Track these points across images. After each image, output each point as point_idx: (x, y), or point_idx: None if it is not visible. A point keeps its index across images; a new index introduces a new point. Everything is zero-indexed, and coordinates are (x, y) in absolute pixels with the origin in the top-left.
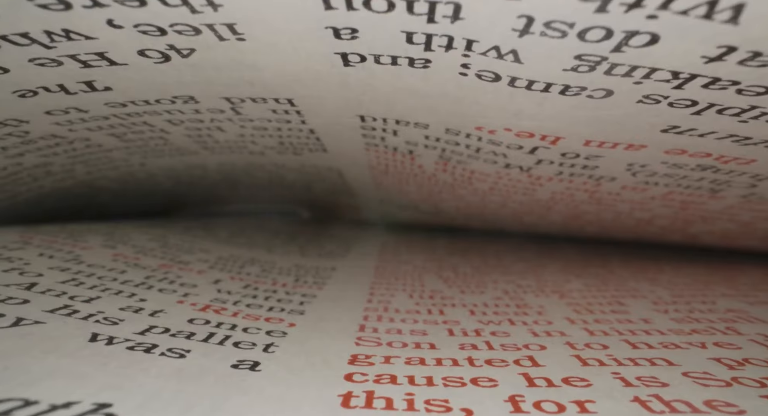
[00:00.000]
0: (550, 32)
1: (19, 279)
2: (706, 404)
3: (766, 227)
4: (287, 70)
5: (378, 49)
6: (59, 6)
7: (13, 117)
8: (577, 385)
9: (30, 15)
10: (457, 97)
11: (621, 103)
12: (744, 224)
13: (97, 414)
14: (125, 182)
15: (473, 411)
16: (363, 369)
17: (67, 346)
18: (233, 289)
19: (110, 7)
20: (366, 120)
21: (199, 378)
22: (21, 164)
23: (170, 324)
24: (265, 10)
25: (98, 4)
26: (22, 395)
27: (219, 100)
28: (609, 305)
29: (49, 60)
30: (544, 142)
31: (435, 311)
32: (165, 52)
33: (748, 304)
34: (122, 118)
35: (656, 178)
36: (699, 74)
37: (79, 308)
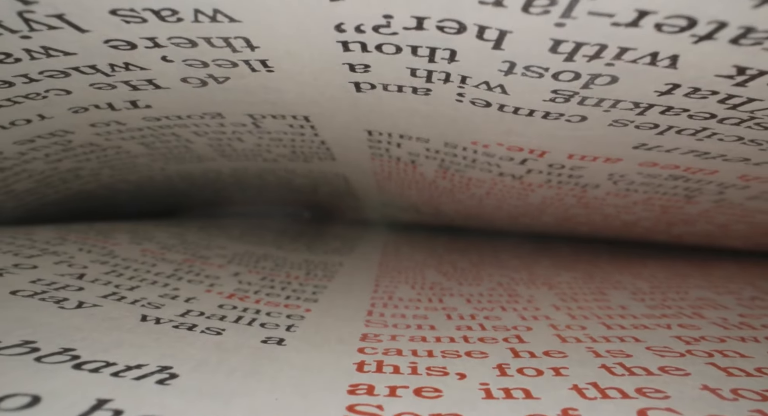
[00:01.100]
0: (529, 73)
1: (70, 270)
2: (660, 369)
3: (741, 228)
4: (306, 93)
5: (386, 80)
6: (126, 46)
7: (62, 129)
8: (555, 356)
9: (102, 53)
10: (454, 117)
11: (595, 126)
12: (721, 225)
13: (163, 373)
14: (143, 184)
15: (466, 374)
16: (373, 345)
17: (125, 325)
18: (252, 281)
19: (167, 48)
20: (373, 134)
21: (236, 351)
22: (56, 169)
23: (204, 309)
24: (295, 51)
25: (158, 45)
26: (104, 358)
27: (243, 116)
28: (592, 294)
29: (106, 85)
30: (532, 155)
31: (435, 299)
32: (204, 79)
33: (717, 294)
34: (154, 129)
35: (635, 186)
36: (655, 104)
37: (126, 294)
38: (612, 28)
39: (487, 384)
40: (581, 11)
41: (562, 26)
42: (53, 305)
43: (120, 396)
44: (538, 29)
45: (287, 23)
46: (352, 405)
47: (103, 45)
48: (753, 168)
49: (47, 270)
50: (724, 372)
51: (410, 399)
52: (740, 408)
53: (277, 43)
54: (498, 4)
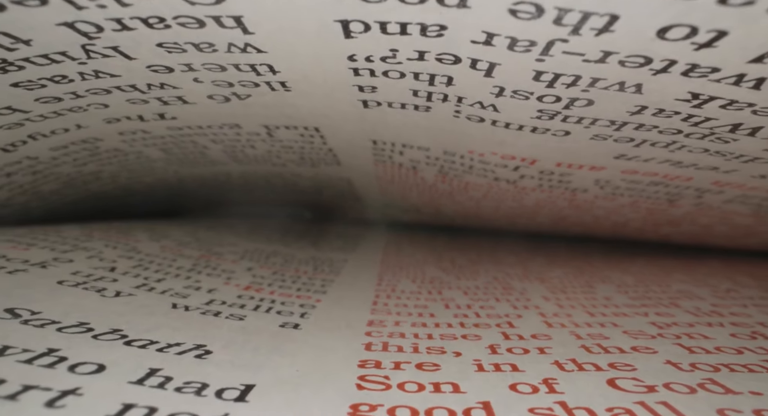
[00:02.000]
0: (517, 96)
1: (101, 264)
2: (632, 348)
3: (724, 229)
4: (318, 108)
5: (391, 99)
6: (165, 70)
7: (94, 136)
8: (541, 339)
9: (142, 75)
10: (451, 130)
11: (578, 139)
12: (704, 226)
13: (199, 350)
14: (156, 185)
15: (461, 353)
16: (378, 329)
17: (159, 311)
18: (264, 275)
19: (199, 71)
20: (377, 143)
21: (258, 333)
22: (80, 172)
23: (225, 298)
24: (311, 74)
25: (192, 69)
26: (147, 337)
27: (258, 126)
28: (581, 287)
29: (140, 100)
30: (523, 163)
31: (434, 292)
32: (228, 96)
33: (696, 287)
34: (175, 137)
35: (620, 190)
36: (628, 122)
37: (154, 286)
38: (584, 64)
39: (479, 360)
40: (557, 51)
41: (542, 61)
42: (95, 293)
43: (167, 366)
44: (522, 63)
45: (307, 53)
46: (363, 375)
47: (145, 69)
48: (723, 175)
49: (83, 264)
50: (688, 350)
51: (413, 372)
52: (695, 377)
53: (297, 69)
54: (488, 43)
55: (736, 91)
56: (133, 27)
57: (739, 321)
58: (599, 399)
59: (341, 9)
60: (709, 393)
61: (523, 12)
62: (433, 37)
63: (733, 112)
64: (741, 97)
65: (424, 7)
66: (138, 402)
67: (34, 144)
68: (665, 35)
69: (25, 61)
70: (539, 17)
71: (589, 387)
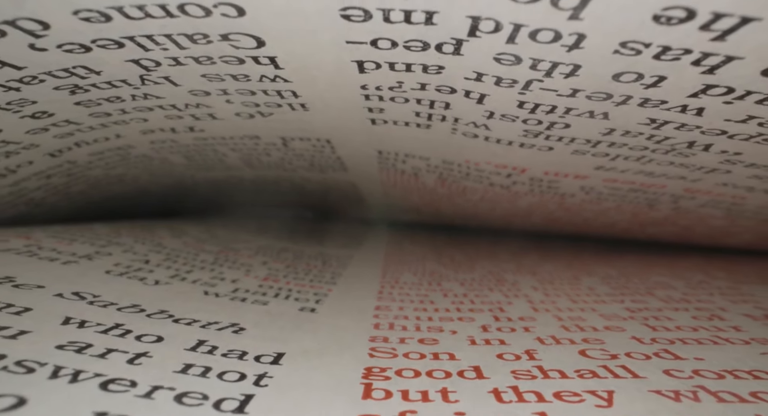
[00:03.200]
0: (505, 119)
1: (136, 257)
2: (605, 328)
3: (702, 230)
4: (331, 124)
5: (396, 118)
6: (203, 94)
7: (128, 144)
8: (527, 320)
9: (184, 97)
10: (449, 143)
11: (560, 154)
12: (684, 227)
13: (234, 328)
14: (172, 187)
15: (457, 331)
16: (385, 313)
17: (194, 297)
18: (279, 268)
19: (232, 95)
20: (382, 153)
21: (281, 315)
22: (108, 175)
23: (248, 287)
24: (327, 98)
25: (226, 93)
26: (190, 317)
27: (276, 138)
28: (567, 279)
29: (176, 116)
30: (515, 171)
31: (434, 283)
32: (253, 114)
33: (672, 279)
34: (199, 146)
35: (604, 196)
36: (602, 140)
37: (185, 276)
38: (558, 97)
39: (472, 336)
40: (535, 87)
41: (524, 94)
42: (138, 282)
43: (211, 338)
44: (507, 95)
45: (326, 83)
46: (373, 347)
47: (186, 93)
48: (691, 183)
49: (120, 257)
50: (652, 329)
51: (416, 345)
52: (652, 348)
53: (316, 94)
54: (478, 80)
55: (683, 116)
56: (185, 63)
57: (702, 306)
58: (570, 363)
59: (357, 53)
60: (661, 359)
61: (505, 60)
62: (433, 74)
63: (686, 132)
64: (688, 121)
65: (426, 54)
66: (195, 363)
67: (77, 150)
68: (619, 78)
69: (92, 86)
70: (518, 64)
71: (563, 356)
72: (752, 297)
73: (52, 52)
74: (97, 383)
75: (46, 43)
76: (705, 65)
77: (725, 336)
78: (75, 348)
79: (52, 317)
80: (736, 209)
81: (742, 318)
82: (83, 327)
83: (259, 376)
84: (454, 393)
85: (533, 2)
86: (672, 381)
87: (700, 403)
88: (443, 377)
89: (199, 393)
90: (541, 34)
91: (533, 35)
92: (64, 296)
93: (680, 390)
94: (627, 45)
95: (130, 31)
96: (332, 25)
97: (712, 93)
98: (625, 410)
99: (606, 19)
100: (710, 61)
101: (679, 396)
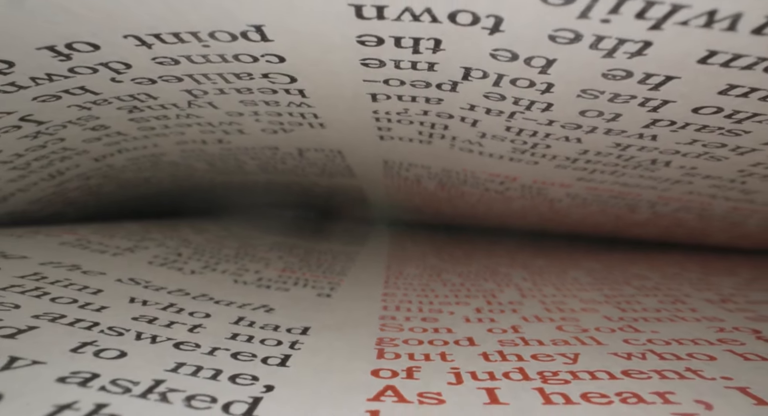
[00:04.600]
0: (495, 139)
1: (169, 251)
2: (582, 309)
3: (682, 231)
4: (344, 139)
5: (401, 135)
6: (237, 115)
7: (162, 152)
8: (515, 304)
9: (220, 117)
10: (448, 156)
11: (545, 167)
12: (665, 228)
13: (265, 308)
14: (190, 189)
15: (454, 312)
16: (391, 298)
17: (226, 285)
18: (293, 262)
19: (261, 115)
20: (388, 162)
21: (302, 300)
22: (137, 177)
23: (269, 277)
24: (343, 119)
25: (256, 114)
26: (227, 299)
27: (293, 148)
28: (555, 272)
29: (209, 131)
30: (507, 179)
31: (434, 275)
32: (276, 130)
33: (650, 271)
34: (223, 154)
35: (589, 201)
36: (579, 158)
37: (215, 267)
38: (538, 125)
39: (467, 316)
40: (519, 117)
41: (510, 121)
42: (177, 271)
43: (248, 316)
44: (496, 121)
45: (343, 108)
46: (383, 324)
47: (224, 114)
48: (662, 192)
49: (156, 250)
50: (622, 310)
51: (419, 322)
52: (619, 324)
53: (334, 116)
54: (471, 109)
55: (642, 141)
56: (228, 92)
57: (670, 293)
58: (548, 335)
59: (372, 87)
60: (623, 332)
61: (492, 97)
62: (434, 104)
63: (647, 152)
64: (647, 144)
65: (428, 90)
66: (240, 332)
67: (118, 156)
68: (585, 114)
69: (147, 107)
70: (503, 100)
71: (542, 330)
72: (716, 286)
73: (126, 83)
74: (171, 344)
75: (123, 78)
76: (649, 106)
77: (682, 315)
78: (146, 319)
79: (120, 297)
80: (706, 213)
81: (701, 302)
82: (146, 305)
83: (293, 343)
84: (450, 355)
85: (512, 61)
86: (628, 346)
87: (646, 360)
88: (442, 344)
89: (248, 352)
90: (519, 82)
91: (513, 82)
92: (123, 281)
93: (633, 352)
94: (586, 92)
95: (191, 71)
96: (353, 70)
97: (659, 124)
98: (586, 365)
99: (567, 74)
100: (651, 103)
101: (631, 356)
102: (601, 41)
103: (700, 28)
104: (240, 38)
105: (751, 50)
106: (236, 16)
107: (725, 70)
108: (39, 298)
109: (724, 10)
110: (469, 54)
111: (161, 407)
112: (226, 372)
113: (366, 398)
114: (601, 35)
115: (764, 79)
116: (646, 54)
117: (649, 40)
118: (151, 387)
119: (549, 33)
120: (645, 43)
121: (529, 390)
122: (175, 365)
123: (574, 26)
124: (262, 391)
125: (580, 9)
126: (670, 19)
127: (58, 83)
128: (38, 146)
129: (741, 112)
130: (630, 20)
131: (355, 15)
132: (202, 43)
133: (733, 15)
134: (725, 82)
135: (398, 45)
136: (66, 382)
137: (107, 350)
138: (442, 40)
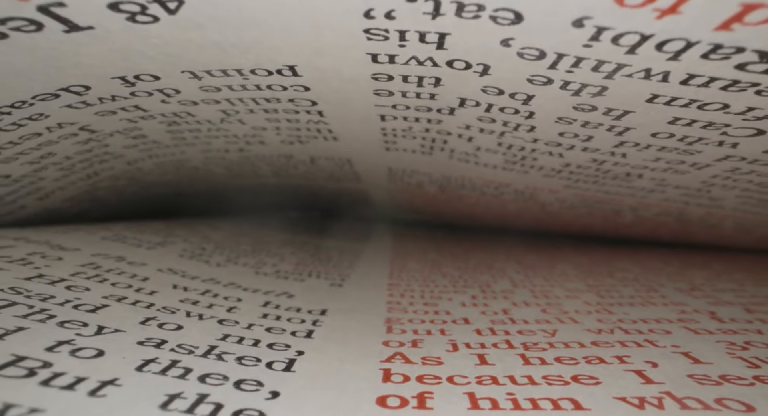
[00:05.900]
0: (488, 152)
1: (193, 246)
2: (566, 297)
3: (665, 231)
4: (353, 149)
5: (405, 147)
6: (261, 129)
7: (187, 158)
8: (507, 292)
9: (244, 131)
10: (447, 165)
11: (534, 176)
12: (650, 229)
13: (286, 294)
14: (203, 190)
15: (452, 299)
16: (396, 288)
17: (249, 276)
18: (305, 257)
19: (282, 130)
20: (392, 169)
21: (317, 288)
22: (160, 180)
23: (286, 269)
24: (355, 134)
25: (278, 129)
26: (254, 287)
27: (306, 156)
28: (546, 266)
29: (233, 142)
30: (501, 185)
31: (435, 269)
32: (293, 141)
33: (633, 266)
34: (241, 161)
35: (576, 205)
36: (563, 170)
37: (237, 260)
38: (525, 143)
39: (464, 302)
40: (508, 136)
41: (501, 138)
42: (204, 263)
43: (273, 301)
44: (489, 138)
45: (355, 126)
46: (390, 307)
47: (250, 128)
48: (641, 199)
49: (184, 245)
50: (600, 297)
51: (421, 306)
52: (596, 307)
53: (346, 132)
54: (467, 128)
55: (615, 157)
56: (257, 112)
57: (647, 283)
58: (533, 316)
59: (381, 110)
60: (598, 314)
61: (484, 119)
62: (434, 124)
63: (621, 167)
64: (619, 160)
65: (429, 113)
66: (270, 313)
67: (148, 161)
68: (563, 135)
69: (185, 122)
70: (494, 123)
71: (529, 312)
72: (689, 278)
73: (173, 104)
74: (215, 320)
75: (171, 100)
76: (615, 131)
77: (653, 300)
78: (190, 302)
79: (165, 284)
80: (684, 217)
81: (672, 290)
82: (187, 291)
83: (314, 321)
84: (449, 331)
85: (499, 95)
86: (599, 324)
87: (613, 334)
88: (441, 323)
89: (279, 328)
90: (507, 109)
91: (501, 109)
92: (163, 270)
93: (603, 328)
94: (562, 119)
95: (229, 96)
96: (366, 97)
97: (627, 145)
98: (562, 337)
99: (545, 105)
100: (617, 129)
101: (601, 331)
102: (569, 85)
103: (642, 80)
104: (275, 74)
105: (683, 94)
106: (275, 59)
107: (668, 107)
108: (101, 283)
109: (656, 69)
110: (464, 89)
111: (219, 364)
112: (264, 341)
113: (379, 360)
114: (567, 80)
115: (699, 114)
116: (605, 95)
117: (605, 86)
118: (209, 350)
119: (527, 77)
120: (602, 87)
121: (513, 355)
122: (223, 335)
123: (545, 74)
124: (295, 354)
125: (549, 63)
126: (618, 73)
127: (118, 103)
128: (86, 150)
129: (690, 136)
130: (588, 72)
131: (371, 60)
132: (242, 77)
133: (663, 72)
134: (671, 115)
135: (405, 81)
136: (144, 345)
137: (167, 323)
138: (441, 78)
